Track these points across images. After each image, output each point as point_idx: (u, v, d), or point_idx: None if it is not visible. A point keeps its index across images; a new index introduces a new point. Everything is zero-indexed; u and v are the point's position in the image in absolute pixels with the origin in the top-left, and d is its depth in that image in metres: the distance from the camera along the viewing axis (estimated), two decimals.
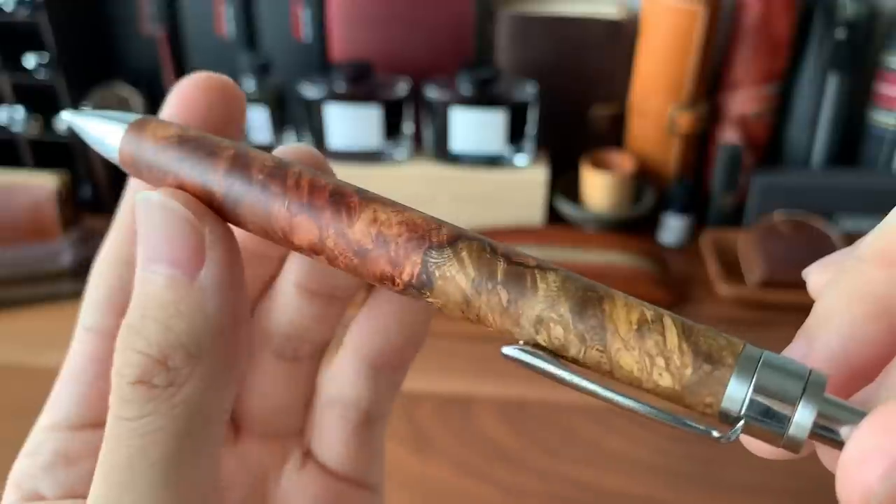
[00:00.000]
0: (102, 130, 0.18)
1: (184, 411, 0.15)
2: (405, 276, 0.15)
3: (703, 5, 0.67)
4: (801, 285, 0.16)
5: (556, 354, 0.14)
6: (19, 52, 0.72)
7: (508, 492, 0.50)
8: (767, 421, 0.13)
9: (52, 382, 0.21)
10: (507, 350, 0.15)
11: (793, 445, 0.13)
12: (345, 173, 0.81)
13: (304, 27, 0.73)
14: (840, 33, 0.69)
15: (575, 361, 0.14)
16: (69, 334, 0.21)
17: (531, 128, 0.71)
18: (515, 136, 0.71)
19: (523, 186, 0.73)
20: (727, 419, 0.13)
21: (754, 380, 0.13)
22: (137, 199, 0.16)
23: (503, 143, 0.71)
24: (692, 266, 0.71)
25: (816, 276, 0.17)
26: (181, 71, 0.75)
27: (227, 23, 0.73)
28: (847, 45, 0.70)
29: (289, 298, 0.20)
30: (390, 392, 0.21)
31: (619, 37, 0.73)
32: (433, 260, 0.15)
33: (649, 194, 0.75)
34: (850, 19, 0.69)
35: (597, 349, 0.14)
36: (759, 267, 0.65)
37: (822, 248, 0.64)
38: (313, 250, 0.16)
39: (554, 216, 0.75)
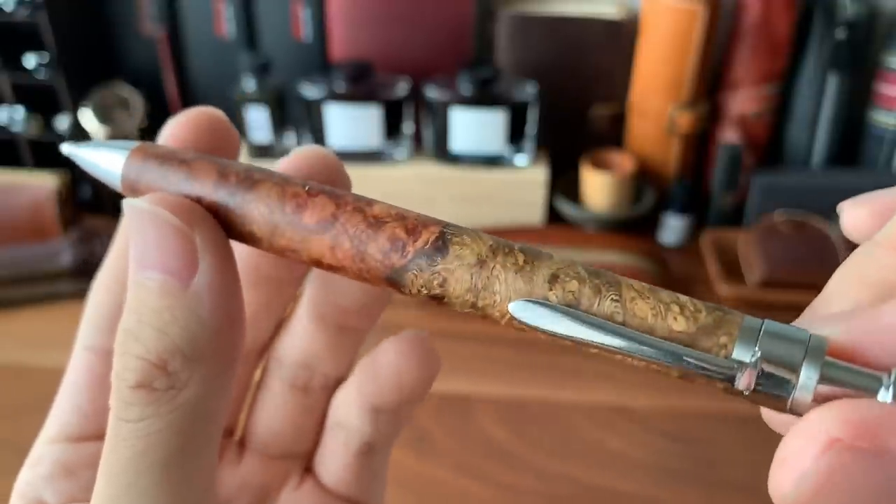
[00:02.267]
0: (103, 159, 0.18)
1: (183, 413, 0.16)
2: (419, 243, 0.15)
3: (703, 5, 0.67)
4: (801, 285, 0.16)
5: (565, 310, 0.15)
6: (19, 52, 0.72)
7: (508, 492, 0.50)
8: (773, 382, 0.13)
9: (52, 382, 0.21)
10: (516, 305, 0.15)
11: (800, 407, 0.13)
12: None
13: (304, 27, 0.73)
14: (840, 33, 0.69)
15: (587, 313, 0.14)
16: (69, 334, 0.21)
17: (531, 128, 0.71)
18: (515, 136, 0.71)
19: (523, 186, 0.73)
20: (732, 385, 0.14)
21: (758, 345, 0.13)
22: (125, 206, 0.16)
23: (503, 143, 0.71)
24: (692, 266, 0.71)
25: (850, 210, 0.16)
26: (181, 71, 0.75)
27: (227, 23, 0.73)
28: (847, 45, 0.70)
29: (302, 327, 0.20)
30: (393, 429, 0.21)
31: (619, 37, 0.73)
32: (451, 230, 0.15)
33: (649, 194, 0.75)
34: (850, 19, 0.69)
35: (612, 299, 0.14)
36: (759, 267, 0.65)
37: (822, 248, 0.64)
38: (324, 256, 0.16)
39: (554, 216, 0.75)
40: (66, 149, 0.18)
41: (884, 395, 0.12)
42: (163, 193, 0.17)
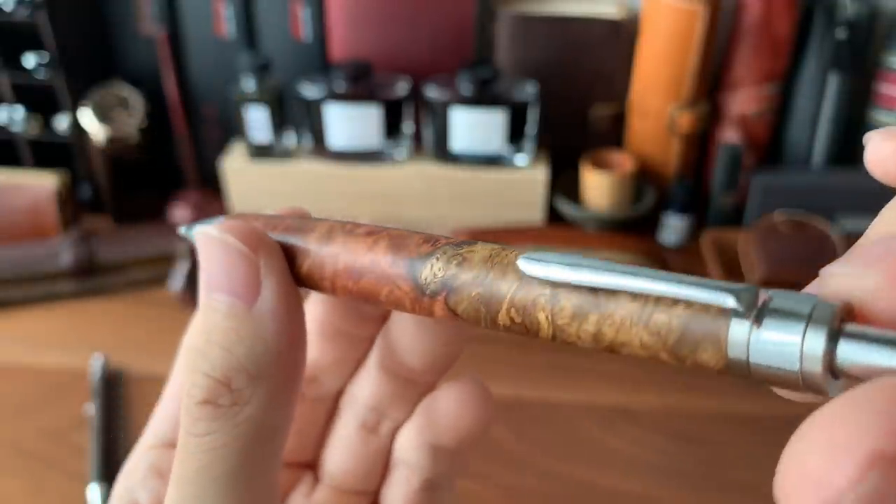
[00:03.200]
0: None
1: (246, 429, 0.17)
2: (443, 240, 0.17)
3: (703, 5, 0.67)
4: (801, 285, 0.15)
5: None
6: (19, 52, 0.72)
7: (509, 492, 0.50)
8: (779, 352, 0.12)
9: (52, 382, 0.21)
10: (525, 258, 0.15)
11: (814, 379, 0.12)
12: (345, 173, 0.80)
13: (304, 27, 0.73)
14: (840, 33, 0.69)
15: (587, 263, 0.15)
16: (69, 334, 0.21)
17: (531, 128, 0.71)
18: (515, 136, 0.71)
19: (523, 186, 0.72)
20: (738, 367, 0.13)
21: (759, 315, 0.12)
22: (196, 233, 0.18)
23: (503, 143, 0.71)
24: (692, 266, 0.70)
25: (878, 142, 0.15)
26: (181, 71, 0.75)
27: (227, 23, 0.73)
28: (847, 45, 0.70)
29: (372, 374, 0.21)
30: (453, 467, 0.22)
31: (619, 37, 0.72)
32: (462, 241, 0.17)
33: (649, 194, 0.74)
34: (850, 19, 0.69)
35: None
36: (759, 267, 0.65)
37: (822, 248, 0.64)
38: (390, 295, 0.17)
39: (554, 216, 0.75)
40: (184, 230, 0.20)
41: None
42: (232, 221, 0.18)
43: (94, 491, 0.48)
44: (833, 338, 0.12)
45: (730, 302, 0.13)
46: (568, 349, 0.62)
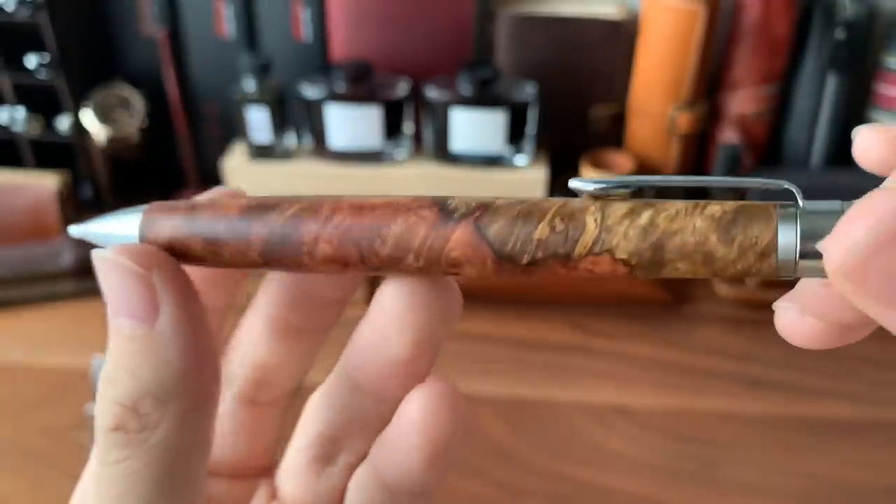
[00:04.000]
0: (116, 228, 0.19)
1: (159, 453, 0.16)
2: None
3: (703, 5, 0.67)
4: None
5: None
6: (20, 53, 0.72)
7: (508, 492, 0.50)
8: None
9: (52, 382, 0.21)
10: (578, 179, 0.16)
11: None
12: (345, 173, 0.80)
13: (304, 27, 0.73)
14: (839, 33, 0.69)
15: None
16: (69, 334, 0.21)
17: (531, 128, 0.71)
18: (515, 136, 0.71)
19: (523, 186, 0.73)
20: (785, 270, 0.14)
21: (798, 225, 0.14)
22: (93, 259, 0.17)
23: (503, 144, 0.71)
24: None
25: (865, 134, 0.16)
26: (181, 71, 0.75)
27: (227, 23, 0.73)
28: (846, 46, 0.70)
29: (257, 337, 0.20)
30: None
31: (619, 37, 0.73)
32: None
33: (649, 194, 0.74)
34: (849, 19, 0.69)
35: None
36: None
37: None
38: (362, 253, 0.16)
39: None
40: (75, 231, 0.19)
41: None
42: (126, 244, 0.17)
43: None
44: None
45: (784, 184, 0.15)
46: (568, 349, 0.62)
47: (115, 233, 0.18)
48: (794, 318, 0.16)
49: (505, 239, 0.15)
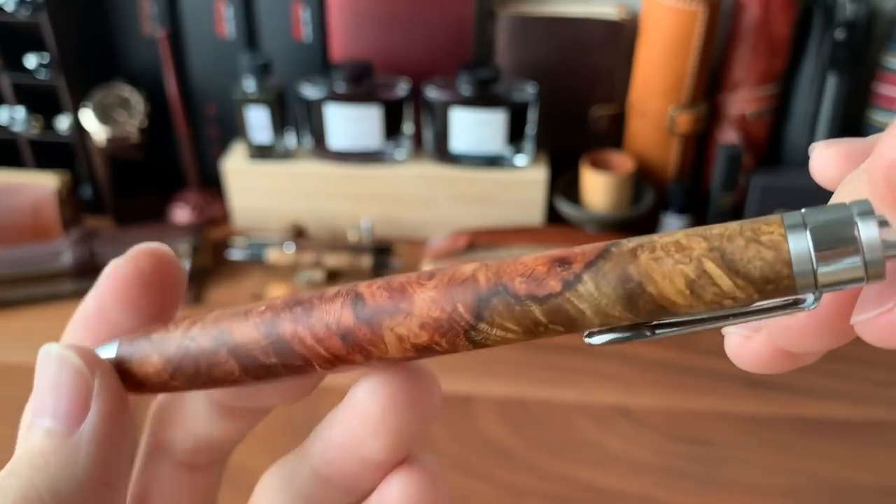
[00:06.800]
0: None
1: None
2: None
3: (703, 5, 0.67)
4: None
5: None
6: (20, 53, 0.72)
7: (509, 492, 0.50)
8: (840, 252, 0.13)
9: None
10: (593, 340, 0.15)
11: (876, 269, 0.13)
12: (345, 173, 0.80)
13: (304, 27, 0.73)
14: (839, 33, 0.69)
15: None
16: None
17: (531, 128, 0.71)
18: (515, 136, 0.71)
19: (523, 186, 0.73)
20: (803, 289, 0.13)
21: (809, 234, 0.13)
22: (39, 353, 0.16)
23: (503, 144, 0.71)
24: None
25: (821, 150, 0.16)
26: (181, 71, 0.75)
27: (227, 23, 0.73)
28: (846, 46, 0.70)
29: (202, 414, 0.19)
30: None
31: (619, 37, 0.73)
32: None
33: (649, 194, 0.75)
34: (849, 19, 0.69)
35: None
36: None
37: None
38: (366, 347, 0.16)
39: (554, 216, 0.75)
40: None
41: None
42: (76, 344, 0.17)
43: None
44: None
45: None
46: (568, 349, 0.62)
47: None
48: (741, 341, 0.16)
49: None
